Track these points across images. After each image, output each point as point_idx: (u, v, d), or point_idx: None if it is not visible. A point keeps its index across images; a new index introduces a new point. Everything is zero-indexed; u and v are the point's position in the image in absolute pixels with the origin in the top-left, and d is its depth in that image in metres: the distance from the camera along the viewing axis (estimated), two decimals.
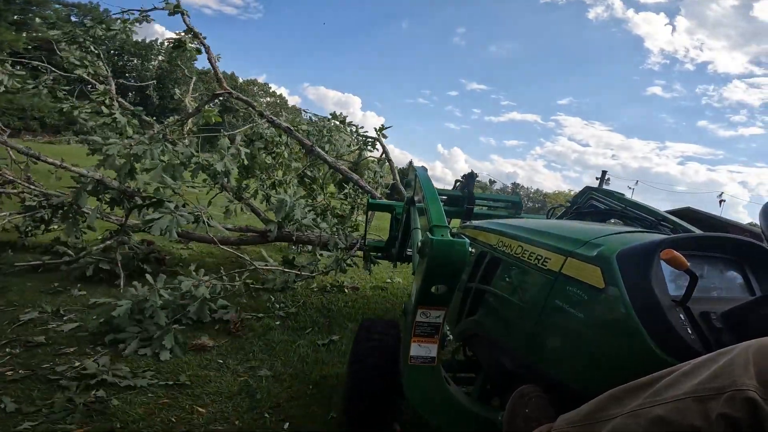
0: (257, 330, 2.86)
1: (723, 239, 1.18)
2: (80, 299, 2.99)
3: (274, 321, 3.03)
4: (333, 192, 5.14)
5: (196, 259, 4.34)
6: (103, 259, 3.38)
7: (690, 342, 0.92)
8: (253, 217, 4.57)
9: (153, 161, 3.09)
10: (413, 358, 1.31)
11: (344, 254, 3.64)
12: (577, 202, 2.66)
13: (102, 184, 3.30)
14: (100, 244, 3.49)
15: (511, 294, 1.42)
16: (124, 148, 3.09)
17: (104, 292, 3.10)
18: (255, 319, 3.02)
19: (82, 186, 3.23)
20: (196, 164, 3.31)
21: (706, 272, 1.15)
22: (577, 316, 1.10)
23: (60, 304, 2.81)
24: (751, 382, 0.64)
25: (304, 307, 3.39)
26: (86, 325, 2.56)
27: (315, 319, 3.19)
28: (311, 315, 3.25)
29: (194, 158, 3.30)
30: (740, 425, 0.63)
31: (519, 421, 1.10)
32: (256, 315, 3.08)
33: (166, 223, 2.90)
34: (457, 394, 1.40)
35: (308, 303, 3.51)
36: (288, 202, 3.49)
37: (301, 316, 3.21)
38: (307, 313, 3.26)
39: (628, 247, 1.09)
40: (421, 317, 1.29)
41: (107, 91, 4.16)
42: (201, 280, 2.96)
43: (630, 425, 0.76)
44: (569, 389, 1.10)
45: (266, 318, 3.06)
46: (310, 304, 3.50)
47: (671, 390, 0.73)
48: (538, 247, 1.35)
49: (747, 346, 0.70)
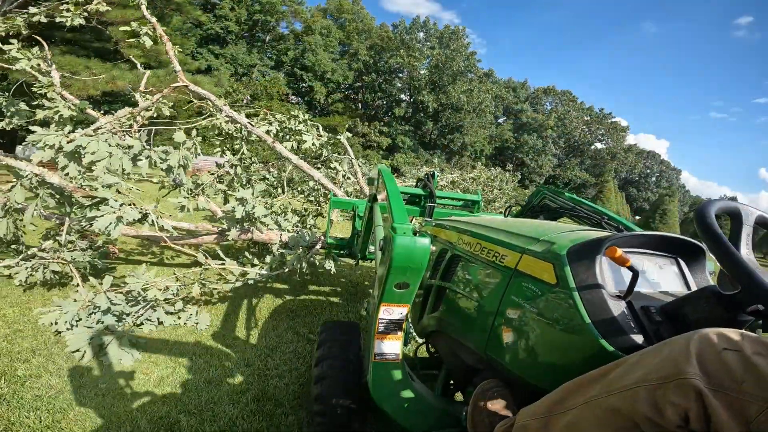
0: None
1: (660, 237, 1.25)
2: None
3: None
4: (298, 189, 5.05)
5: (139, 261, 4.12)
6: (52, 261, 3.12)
7: (633, 335, 0.96)
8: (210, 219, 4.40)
9: (98, 153, 2.87)
10: (377, 355, 1.31)
11: (306, 252, 3.59)
12: (531, 201, 2.79)
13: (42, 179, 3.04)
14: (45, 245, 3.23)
15: (470, 290, 1.45)
16: (66, 138, 2.85)
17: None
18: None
19: (20, 181, 2.95)
20: (147, 158, 3.11)
21: (646, 268, 1.21)
22: (531, 312, 1.13)
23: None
24: (693, 370, 0.68)
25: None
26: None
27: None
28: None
29: (145, 151, 3.11)
30: (689, 415, 0.67)
31: (482, 416, 1.12)
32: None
33: (108, 221, 2.72)
34: (421, 390, 1.41)
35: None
36: (248, 200, 3.38)
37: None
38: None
39: (577, 244, 1.13)
40: (384, 315, 1.30)
41: (50, 83, 3.83)
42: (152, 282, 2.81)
43: (586, 416, 0.80)
44: (527, 383, 1.13)
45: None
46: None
47: (621, 381, 0.77)
48: (495, 244, 1.38)
49: (688, 336, 0.75)
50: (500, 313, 1.24)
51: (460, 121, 35.74)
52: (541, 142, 42.97)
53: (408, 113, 36.64)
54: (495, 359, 1.24)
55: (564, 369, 1.03)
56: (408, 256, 1.16)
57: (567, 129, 45.64)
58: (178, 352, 2.47)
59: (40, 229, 3.66)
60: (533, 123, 43.65)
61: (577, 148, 47.11)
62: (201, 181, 3.95)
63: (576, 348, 1.02)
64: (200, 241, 3.93)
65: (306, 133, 4.51)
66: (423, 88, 35.40)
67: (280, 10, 33.71)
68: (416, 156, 33.38)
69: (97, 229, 2.68)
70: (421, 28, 38.71)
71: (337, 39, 36.23)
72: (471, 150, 37.70)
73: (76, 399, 1.92)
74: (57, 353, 2.26)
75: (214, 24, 31.62)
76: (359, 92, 37.99)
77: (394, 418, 1.33)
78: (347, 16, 37.88)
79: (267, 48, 35.02)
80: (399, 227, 1.20)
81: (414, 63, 34.70)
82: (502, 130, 42.70)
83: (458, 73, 35.25)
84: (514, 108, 45.00)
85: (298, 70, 34.36)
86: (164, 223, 3.26)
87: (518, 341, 1.17)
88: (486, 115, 37.76)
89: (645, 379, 0.73)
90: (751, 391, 0.64)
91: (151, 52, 9.74)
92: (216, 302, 3.37)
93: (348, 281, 4.45)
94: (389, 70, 35.90)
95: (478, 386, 1.20)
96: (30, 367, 2.12)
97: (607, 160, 46.42)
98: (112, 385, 2.08)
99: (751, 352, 0.68)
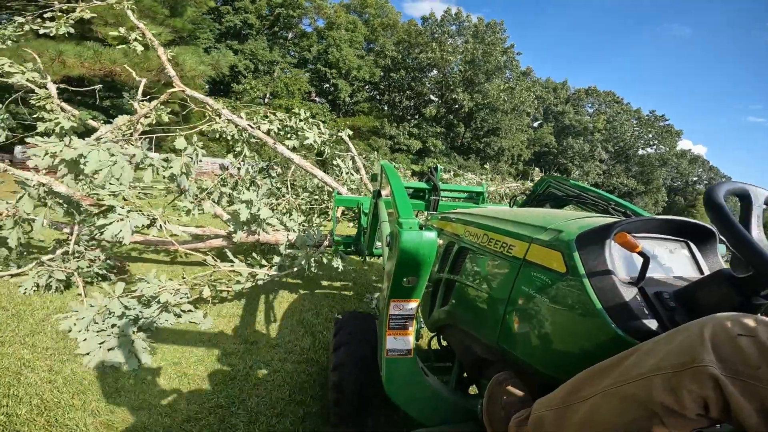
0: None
1: (670, 221, 1.23)
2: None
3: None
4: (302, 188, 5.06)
5: (158, 265, 4.16)
6: (57, 269, 3.16)
7: (647, 322, 0.95)
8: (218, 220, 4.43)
9: (101, 162, 2.90)
10: (389, 351, 1.32)
11: (313, 251, 3.60)
12: (537, 190, 2.77)
13: (49, 189, 3.07)
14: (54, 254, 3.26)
15: (480, 282, 1.44)
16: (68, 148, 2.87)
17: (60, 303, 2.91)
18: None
19: (27, 191, 2.99)
20: (150, 166, 3.14)
21: (657, 253, 1.20)
22: (542, 301, 1.13)
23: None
24: (709, 357, 0.68)
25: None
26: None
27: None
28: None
29: (147, 159, 3.13)
30: (708, 403, 0.67)
31: (497, 408, 1.12)
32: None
33: (118, 228, 2.76)
34: (435, 384, 1.41)
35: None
36: (253, 202, 3.40)
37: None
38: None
39: (585, 231, 1.11)
40: (394, 310, 1.30)
41: (48, 96, 3.85)
42: (162, 287, 2.84)
43: (603, 405, 0.79)
44: (541, 374, 1.13)
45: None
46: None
47: (636, 369, 0.77)
48: (502, 235, 1.37)
49: (702, 323, 0.74)
50: (511, 303, 1.24)
51: (498, 123, 32.36)
52: (588, 146, 38.78)
53: (440, 113, 33.31)
54: (507, 350, 1.23)
55: (578, 358, 1.03)
56: (415, 251, 1.15)
57: (617, 132, 41.15)
58: (190, 351, 2.50)
59: (49, 239, 3.70)
60: (577, 125, 39.37)
61: (622, 153, 42.67)
62: (205, 186, 3.97)
63: (589, 336, 1.01)
64: (209, 244, 3.95)
65: (308, 131, 4.51)
66: (457, 86, 31.94)
67: (302, 5, 31.62)
68: (449, 161, 30.41)
69: (109, 236, 2.71)
70: (453, 21, 34.83)
71: (362, 35, 33.77)
72: (508, 155, 34.33)
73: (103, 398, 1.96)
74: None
75: (234, 16, 29.85)
76: (386, 92, 35.09)
77: (408, 412, 1.33)
78: (371, 11, 35.41)
79: (289, 45, 33.00)
80: (405, 222, 1.20)
81: (448, 58, 31.56)
82: (542, 133, 38.60)
83: (496, 69, 32.00)
84: (554, 110, 40.87)
85: (321, 67, 31.85)
86: (172, 227, 3.28)
87: (530, 331, 1.17)
88: (524, 117, 34.44)
89: (660, 366, 0.73)
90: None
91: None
92: (231, 300, 3.41)
93: (360, 276, 4.47)
94: (419, 66, 32.69)
95: (493, 378, 1.20)
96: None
97: (655, 166, 41.70)
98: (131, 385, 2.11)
99: (766, 338, 0.67)
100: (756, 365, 0.65)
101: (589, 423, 0.81)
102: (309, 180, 5.26)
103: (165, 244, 3.79)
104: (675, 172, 45.95)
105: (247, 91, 27.02)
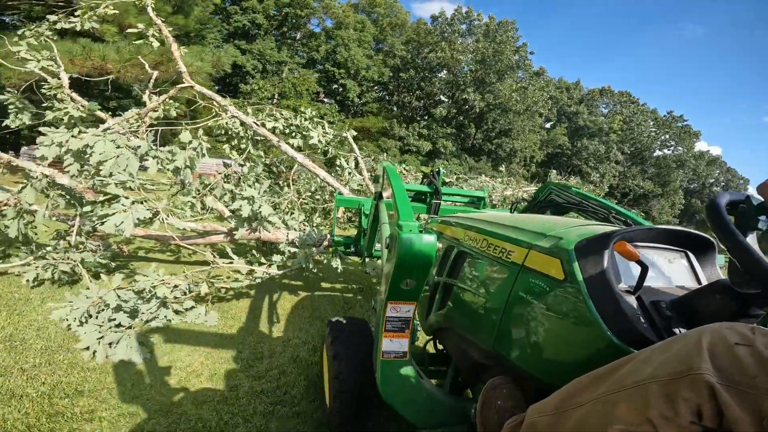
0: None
1: (669, 231, 1.23)
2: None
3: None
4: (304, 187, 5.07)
5: (162, 264, 4.17)
6: (61, 261, 3.17)
7: (643, 330, 0.95)
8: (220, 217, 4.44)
9: (105, 152, 2.91)
10: (385, 353, 1.32)
11: (313, 251, 3.60)
12: (538, 196, 2.77)
13: (52, 180, 3.09)
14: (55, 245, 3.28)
15: (478, 287, 1.44)
16: (74, 138, 2.89)
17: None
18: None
19: (30, 182, 3.00)
20: (155, 158, 3.15)
21: (656, 262, 1.20)
22: (539, 307, 1.13)
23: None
24: (706, 366, 0.68)
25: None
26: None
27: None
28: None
29: (151, 152, 3.14)
30: (702, 410, 0.67)
31: (491, 413, 1.12)
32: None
33: (120, 219, 2.76)
34: (430, 387, 1.41)
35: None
36: (255, 199, 3.40)
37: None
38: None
39: (584, 239, 1.11)
40: (391, 312, 1.30)
41: (60, 85, 3.88)
42: (161, 281, 2.85)
43: (597, 412, 0.79)
44: (536, 379, 1.12)
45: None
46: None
47: (632, 376, 0.76)
48: (502, 240, 1.37)
49: (699, 331, 0.74)
50: (508, 309, 1.23)
51: (510, 124, 31.50)
52: (603, 147, 36.97)
53: (450, 114, 32.54)
54: (503, 355, 1.23)
55: (573, 365, 1.03)
56: (414, 254, 1.16)
57: (635, 133, 39.52)
58: (191, 349, 2.50)
59: (52, 229, 3.72)
60: (592, 126, 37.57)
61: (638, 155, 41.09)
62: (208, 182, 3.98)
63: (585, 343, 1.01)
64: (209, 240, 3.96)
65: (312, 130, 4.52)
66: (468, 86, 30.97)
67: (310, 5, 31.15)
68: (459, 163, 29.67)
69: (110, 228, 2.72)
70: (464, 19, 33.57)
71: (371, 34, 33.22)
72: (521, 156, 33.24)
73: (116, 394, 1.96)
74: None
75: (241, 16, 29.65)
76: (395, 93, 34.34)
77: (402, 414, 1.33)
78: (380, 10, 34.77)
79: (297, 45, 32.46)
80: (405, 224, 1.20)
81: (458, 57, 30.61)
82: (556, 134, 36.93)
83: (507, 69, 31.03)
84: (567, 110, 39.06)
85: (330, 68, 31.41)
86: (174, 221, 3.29)
87: (526, 337, 1.17)
88: (537, 118, 33.28)
89: (657, 374, 0.73)
90: (765, 386, 0.63)
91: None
92: (230, 299, 3.40)
93: (365, 278, 4.47)
94: (428, 66, 31.85)
95: (488, 382, 1.20)
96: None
97: (672, 168, 40.01)
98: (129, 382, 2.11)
99: (763, 347, 0.67)
100: (753, 374, 0.65)
101: (583, 429, 0.81)
102: (312, 179, 5.28)
103: (165, 239, 3.80)
104: (692, 174, 44.44)
105: (255, 91, 27.02)
